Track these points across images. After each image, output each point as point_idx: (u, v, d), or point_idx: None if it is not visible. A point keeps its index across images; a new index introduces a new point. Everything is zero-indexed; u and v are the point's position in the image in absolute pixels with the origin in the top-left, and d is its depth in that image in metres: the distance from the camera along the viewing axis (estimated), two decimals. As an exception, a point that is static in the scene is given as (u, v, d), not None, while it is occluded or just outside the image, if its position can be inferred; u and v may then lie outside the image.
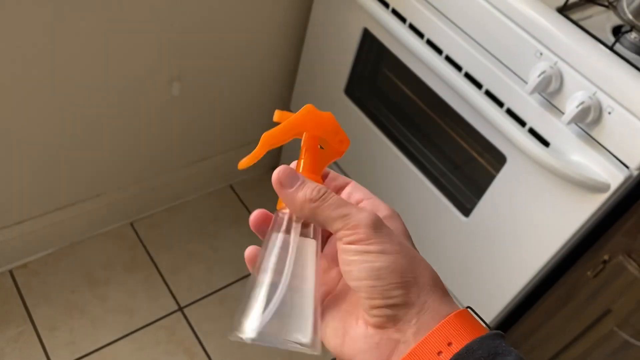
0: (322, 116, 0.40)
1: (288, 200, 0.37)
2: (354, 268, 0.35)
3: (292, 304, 0.37)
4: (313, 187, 0.36)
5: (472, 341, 0.33)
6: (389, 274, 0.34)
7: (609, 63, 0.87)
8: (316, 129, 0.39)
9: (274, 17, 1.38)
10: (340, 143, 0.40)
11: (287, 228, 0.38)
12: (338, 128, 0.40)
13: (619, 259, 0.97)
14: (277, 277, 0.37)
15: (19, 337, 1.33)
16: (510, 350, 0.33)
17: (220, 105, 1.49)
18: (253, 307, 0.37)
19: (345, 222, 0.35)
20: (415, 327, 0.34)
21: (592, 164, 0.90)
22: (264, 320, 0.36)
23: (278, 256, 0.38)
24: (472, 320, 0.35)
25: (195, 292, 1.49)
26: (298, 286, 0.37)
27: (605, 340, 1.04)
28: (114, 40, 1.16)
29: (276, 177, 0.37)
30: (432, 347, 0.34)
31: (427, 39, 1.06)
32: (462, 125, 1.12)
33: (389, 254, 0.35)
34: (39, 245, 1.45)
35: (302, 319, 0.37)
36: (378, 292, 0.34)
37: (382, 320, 0.35)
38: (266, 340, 0.36)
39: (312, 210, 0.36)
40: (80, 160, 1.34)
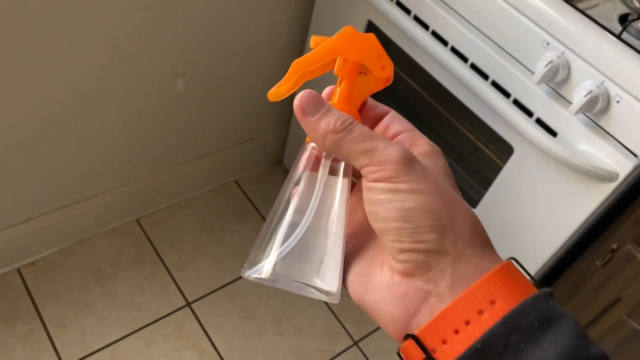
0: (364, 38, 0.35)
1: (310, 130, 0.33)
2: (380, 208, 0.31)
3: (314, 246, 0.33)
4: (338, 117, 0.32)
5: (523, 302, 0.29)
6: (421, 215, 0.30)
7: (617, 52, 0.86)
8: (356, 54, 0.35)
9: (277, 12, 1.38)
10: (382, 69, 0.35)
11: (315, 163, 0.34)
12: (381, 51, 0.35)
13: (628, 247, 0.97)
14: (299, 216, 0.34)
15: (28, 335, 1.33)
16: (566, 313, 0.29)
17: (225, 100, 1.48)
18: (271, 244, 0.33)
19: (372, 157, 0.31)
20: (451, 278, 0.30)
21: (601, 153, 0.90)
22: (280, 259, 0.33)
23: (303, 193, 0.34)
24: (518, 276, 0.31)
25: (203, 288, 1.49)
26: (322, 228, 0.34)
27: (615, 329, 1.04)
28: (118, 36, 1.16)
29: (298, 103, 0.33)
30: (472, 304, 0.29)
31: (432, 30, 1.06)
32: (468, 116, 1.11)
33: (421, 194, 0.30)
34: (46, 243, 1.45)
35: (324, 264, 0.33)
36: (407, 235, 0.30)
37: (411, 266, 0.31)
38: (281, 281, 0.33)
39: (335, 143, 0.32)
40: (85, 157, 1.34)
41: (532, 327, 0.28)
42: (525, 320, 0.28)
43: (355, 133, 0.32)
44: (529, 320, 0.28)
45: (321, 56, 0.34)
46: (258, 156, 1.74)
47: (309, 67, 0.34)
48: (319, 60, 0.34)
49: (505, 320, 0.28)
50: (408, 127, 0.37)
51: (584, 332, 0.29)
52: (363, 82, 0.35)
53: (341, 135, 0.32)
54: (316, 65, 0.35)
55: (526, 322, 0.28)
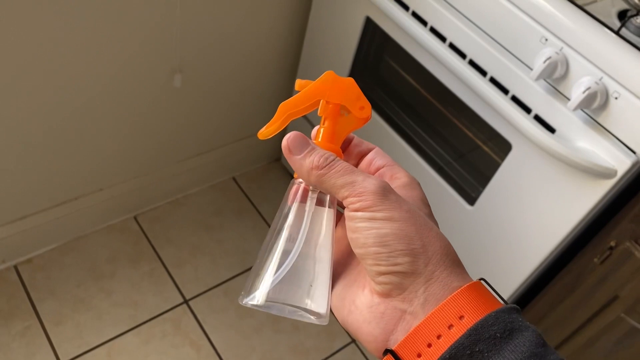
0: (343, 82, 0.39)
1: (296, 167, 0.37)
2: (360, 235, 0.34)
3: (304, 272, 0.36)
4: (321, 155, 0.36)
5: (487, 315, 0.32)
6: (395, 240, 0.33)
7: (615, 48, 0.86)
8: (337, 96, 0.38)
9: (275, 8, 1.37)
10: (361, 110, 0.39)
11: (303, 196, 0.38)
12: (359, 94, 0.39)
13: (626, 245, 0.96)
14: (290, 245, 0.37)
15: (25, 332, 1.33)
16: (527, 325, 0.32)
17: (222, 97, 1.48)
18: (264, 273, 0.36)
19: (351, 189, 0.34)
20: (423, 297, 0.33)
21: (599, 150, 0.89)
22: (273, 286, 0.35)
23: (293, 224, 0.37)
24: (485, 293, 0.34)
25: (200, 285, 1.49)
26: (311, 255, 0.37)
27: (613, 326, 1.04)
28: (115, 32, 1.15)
29: (285, 144, 0.37)
30: (442, 320, 0.32)
31: (431, 26, 1.06)
32: (466, 113, 1.11)
33: (395, 221, 0.34)
34: (43, 240, 1.45)
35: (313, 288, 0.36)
36: (384, 259, 0.33)
37: (388, 288, 0.34)
38: (274, 307, 0.36)
39: (319, 178, 0.36)
40: (83, 154, 1.34)
41: (495, 338, 0.31)
42: (488, 332, 0.31)
43: (336, 168, 0.35)
44: (492, 332, 0.31)
45: (306, 99, 0.38)
46: (256, 153, 1.73)
47: (295, 109, 0.38)
48: (304, 103, 0.38)
49: (470, 332, 0.31)
50: (389, 162, 0.40)
51: (544, 342, 0.32)
52: (344, 122, 0.39)
53: (324, 171, 0.36)
54: (301, 107, 0.38)
55: (489, 333, 0.31)
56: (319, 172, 0.36)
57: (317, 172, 0.36)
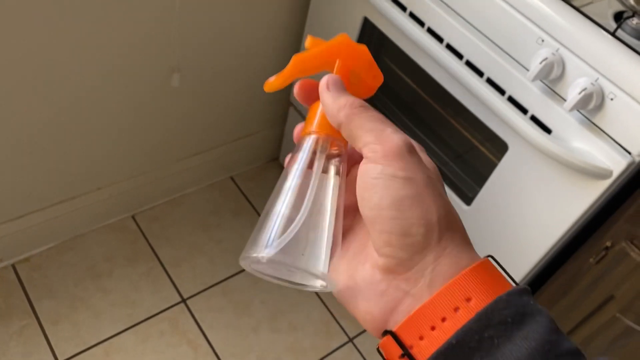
0: (357, 48, 0.37)
1: (329, 102, 0.34)
2: (374, 194, 0.31)
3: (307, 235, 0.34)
4: (357, 100, 0.34)
5: (498, 298, 0.29)
6: (413, 206, 0.30)
7: (611, 49, 0.86)
8: (350, 60, 0.37)
9: (274, 8, 1.38)
10: (374, 78, 0.37)
11: (310, 159, 0.35)
12: (372, 62, 0.37)
13: (622, 245, 0.97)
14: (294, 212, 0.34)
15: (22, 331, 1.33)
16: (540, 309, 0.30)
17: (221, 96, 1.48)
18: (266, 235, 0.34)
19: (378, 135, 0.32)
20: (430, 277, 0.30)
21: (595, 150, 0.90)
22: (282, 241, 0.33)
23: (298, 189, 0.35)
24: (494, 273, 0.31)
25: (198, 284, 1.49)
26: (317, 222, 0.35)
27: (608, 326, 1.05)
28: (113, 31, 1.15)
29: (324, 81, 0.35)
30: (448, 301, 0.30)
31: (428, 27, 1.06)
32: (463, 113, 1.11)
33: (416, 184, 0.31)
34: (41, 239, 1.45)
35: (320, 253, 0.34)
36: (397, 226, 0.30)
37: (393, 262, 0.31)
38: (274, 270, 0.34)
39: (349, 116, 0.33)
40: (80, 153, 1.34)
41: (506, 323, 0.29)
42: (499, 316, 0.29)
43: (370, 113, 0.33)
44: (503, 316, 0.29)
45: (320, 57, 0.36)
46: (254, 153, 1.73)
47: (308, 65, 0.36)
48: (317, 60, 0.36)
49: (480, 316, 0.29)
50: None
51: (558, 328, 0.29)
52: (354, 89, 0.37)
53: (357, 111, 0.33)
54: (314, 64, 0.36)
55: (499, 318, 0.29)
56: (353, 110, 0.33)
57: (350, 109, 0.33)
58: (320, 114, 0.36)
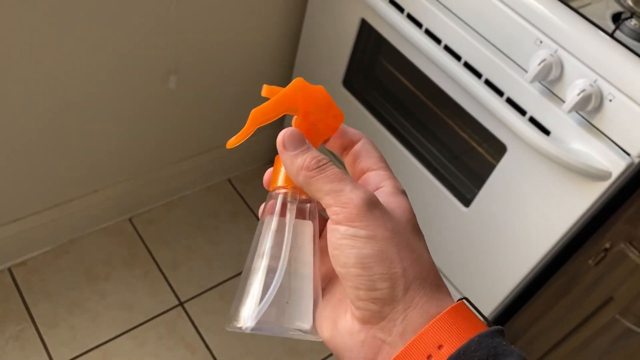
0: (313, 90, 0.37)
1: (287, 164, 0.35)
2: (341, 253, 0.32)
3: (291, 289, 0.35)
4: (314, 156, 0.34)
5: (469, 341, 0.31)
6: (376, 263, 0.32)
7: (610, 50, 0.86)
8: (308, 104, 0.37)
9: (271, 10, 1.37)
10: (334, 118, 0.38)
11: (282, 210, 0.36)
12: (331, 102, 0.37)
13: (621, 246, 0.97)
14: (273, 262, 0.35)
15: (19, 335, 1.32)
16: (512, 350, 0.31)
17: (217, 98, 1.48)
18: (250, 295, 0.35)
19: (337, 198, 0.33)
20: (402, 326, 0.32)
21: (594, 152, 0.90)
22: (262, 308, 0.34)
23: (274, 240, 0.36)
24: (468, 316, 0.32)
25: (196, 287, 1.48)
26: (296, 270, 0.35)
27: (607, 328, 1.04)
28: (110, 33, 1.15)
29: (281, 138, 0.35)
30: (420, 350, 0.31)
31: (426, 28, 1.06)
32: (461, 115, 1.11)
33: (378, 241, 0.32)
34: (37, 243, 1.44)
35: (302, 304, 0.35)
36: (363, 283, 0.32)
37: (367, 314, 0.32)
38: (265, 329, 0.35)
39: (307, 179, 0.34)
40: (77, 155, 1.33)
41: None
42: (471, 359, 0.30)
43: (326, 173, 0.34)
44: (475, 359, 0.30)
45: (277, 106, 0.37)
46: (251, 155, 1.73)
47: (266, 116, 0.37)
48: (275, 110, 0.37)
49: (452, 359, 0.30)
50: (376, 164, 0.38)
51: None
52: (316, 131, 0.38)
53: (313, 173, 0.34)
54: (272, 115, 0.37)
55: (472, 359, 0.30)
56: (309, 173, 0.34)
57: (306, 172, 0.34)
58: (282, 169, 0.37)
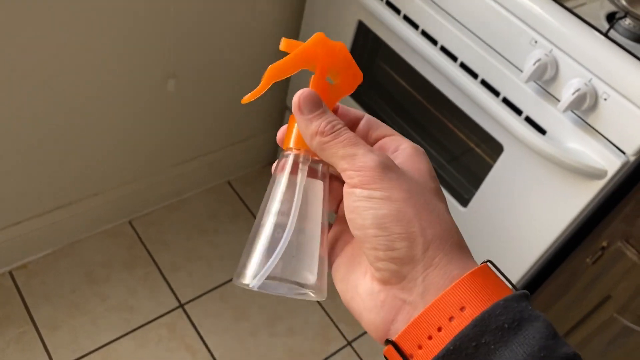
0: (334, 46, 0.36)
1: (301, 127, 0.35)
2: (357, 215, 0.32)
3: (298, 246, 0.35)
4: (330, 120, 0.34)
5: (495, 304, 0.30)
6: (393, 222, 0.31)
7: (604, 49, 0.87)
8: (327, 61, 0.36)
9: (268, 13, 1.38)
10: (354, 77, 0.37)
11: (293, 169, 0.36)
12: (351, 60, 0.37)
13: (618, 245, 0.97)
14: (282, 219, 0.35)
15: (20, 338, 1.33)
16: (538, 314, 0.30)
17: (216, 101, 1.48)
18: (258, 250, 0.35)
19: (351, 162, 0.33)
20: (422, 286, 0.31)
21: (589, 150, 0.90)
22: (269, 267, 0.34)
23: (284, 198, 0.36)
24: (491, 279, 0.31)
25: (196, 289, 1.49)
26: (304, 228, 0.35)
27: (606, 326, 1.05)
28: (109, 37, 1.16)
29: (297, 100, 0.35)
30: (442, 311, 0.30)
31: (422, 29, 1.06)
32: (458, 115, 1.12)
33: (394, 201, 0.32)
34: (38, 246, 1.44)
35: (309, 261, 0.35)
36: (381, 244, 0.31)
37: (387, 275, 0.32)
38: (271, 285, 0.34)
39: (321, 144, 0.34)
40: (77, 159, 1.34)
41: (502, 329, 0.29)
42: (495, 322, 0.29)
43: (341, 138, 0.33)
44: (499, 322, 0.29)
45: (295, 62, 0.36)
46: (250, 157, 1.73)
47: (284, 71, 0.36)
48: (293, 66, 0.36)
49: (476, 322, 0.29)
50: (388, 131, 0.38)
51: (555, 333, 0.30)
52: (333, 88, 0.37)
53: (328, 138, 0.34)
54: (291, 68, 0.36)
55: (496, 323, 0.29)
56: (323, 138, 0.34)
57: (321, 138, 0.34)
58: (296, 129, 0.36)
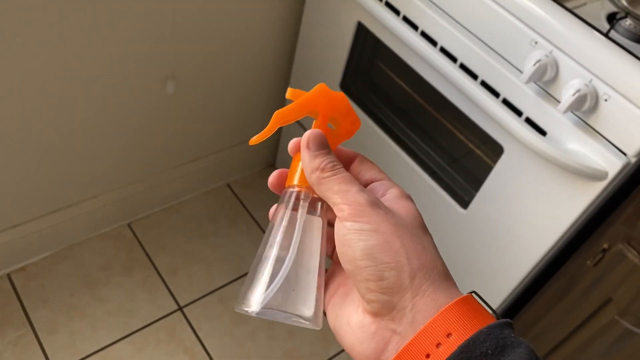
0: (335, 96, 0.40)
1: (305, 161, 0.38)
2: (348, 248, 0.34)
3: (297, 278, 0.38)
4: (331, 160, 0.37)
5: (478, 332, 0.31)
6: (381, 252, 0.33)
7: (605, 50, 0.86)
8: (328, 109, 0.40)
9: (267, 14, 1.38)
10: (352, 124, 0.41)
11: (294, 205, 0.39)
12: (350, 109, 0.41)
13: (619, 247, 0.96)
14: (283, 252, 0.38)
15: (18, 341, 1.32)
16: (520, 341, 0.31)
17: (215, 103, 1.48)
18: (259, 280, 0.37)
19: (344, 197, 0.35)
20: (411, 314, 0.33)
21: (590, 152, 0.90)
22: (268, 294, 0.36)
23: (285, 232, 0.38)
24: (476, 308, 0.33)
25: (195, 292, 1.48)
26: (303, 262, 0.38)
27: (607, 329, 1.04)
28: (108, 39, 1.15)
29: (307, 137, 0.38)
30: (430, 338, 0.32)
31: (422, 30, 1.06)
32: (458, 117, 1.11)
33: (382, 233, 0.34)
34: (36, 248, 1.44)
35: (306, 293, 0.38)
36: (372, 274, 0.33)
37: (378, 306, 0.34)
38: (269, 314, 0.37)
39: (319, 179, 0.37)
40: (76, 161, 1.33)
41: (486, 355, 0.31)
42: (480, 349, 0.31)
43: (338, 176, 0.37)
44: (483, 349, 0.31)
45: (299, 109, 0.40)
46: (250, 159, 1.73)
47: (289, 118, 0.40)
48: (297, 113, 0.40)
49: (462, 349, 0.31)
50: (379, 175, 0.40)
51: (538, 358, 0.31)
52: (333, 134, 0.40)
53: (327, 174, 0.37)
54: (295, 115, 0.40)
55: (480, 350, 0.31)
56: (323, 174, 0.37)
57: (320, 173, 0.37)
58: (300, 168, 0.39)
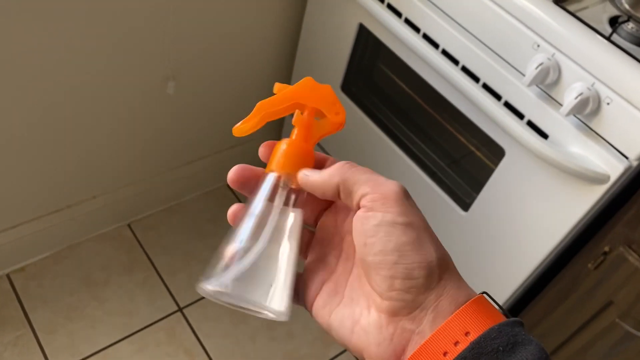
0: (321, 88, 0.40)
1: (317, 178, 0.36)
2: (377, 240, 0.32)
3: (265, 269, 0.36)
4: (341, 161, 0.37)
5: (490, 329, 0.31)
6: (413, 251, 0.32)
7: (607, 53, 0.86)
8: (313, 101, 0.40)
9: (269, 15, 1.38)
10: (336, 115, 0.40)
11: (272, 193, 0.38)
12: (335, 99, 0.40)
13: (620, 250, 0.96)
14: (252, 241, 0.36)
15: (17, 341, 1.32)
16: (530, 339, 0.32)
17: (216, 103, 1.48)
18: (223, 264, 0.36)
19: (374, 186, 0.34)
20: (432, 314, 0.32)
21: (592, 155, 0.90)
22: (228, 277, 0.35)
23: (259, 220, 0.37)
24: (489, 307, 0.33)
25: (195, 293, 1.48)
26: (273, 253, 0.36)
27: (608, 332, 1.04)
28: (108, 39, 1.15)
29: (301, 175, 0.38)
30: (448, 336, 0.32)
31: (424, 33, 1.06)
32: (460, 119, 1.11)
33: (415, 228, 0.33)
34: (36, 249, 1.44)
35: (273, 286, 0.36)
36: (400, 271, 0.32)
37: (398, 305, 0.33)
38: (230, 298, 0.35)
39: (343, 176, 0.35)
40: (76, 161, 1.33)
41: (497, 352, 0.31)
42: (491, 345, 0.31)
43: (358, 167, 0.35)
44: (495, 345, 0.31)
45: (283, 100, 0.39)
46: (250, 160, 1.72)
47: (272, 108, 0.39)
48: (281, 103, 0.39)
49: (473, 345, 0.31)
50: None
51: (547, 356, 0.31)
52: (318, 125, 0.40)
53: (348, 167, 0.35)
54: (278, 107, 0.39)
55: (492, 346, 0.31)
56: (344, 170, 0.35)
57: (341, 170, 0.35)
58: (281, 154, 0.38)
